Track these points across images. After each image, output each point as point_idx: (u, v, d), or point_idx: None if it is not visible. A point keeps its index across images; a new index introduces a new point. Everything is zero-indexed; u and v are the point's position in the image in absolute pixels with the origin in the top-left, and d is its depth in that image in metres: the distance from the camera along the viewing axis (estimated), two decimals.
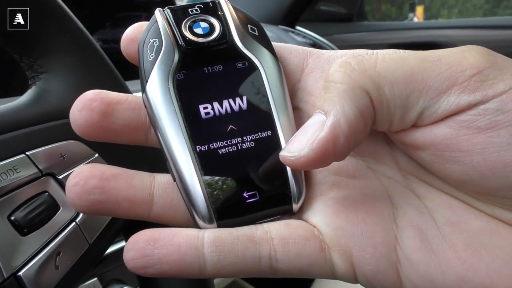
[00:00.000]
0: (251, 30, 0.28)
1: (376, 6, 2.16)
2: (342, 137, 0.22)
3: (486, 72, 0.21)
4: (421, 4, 4.40)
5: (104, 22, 0.82)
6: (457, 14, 5.42)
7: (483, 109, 0.21)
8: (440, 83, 0.22)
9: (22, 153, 0.32)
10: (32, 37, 0.35)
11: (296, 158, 0.23)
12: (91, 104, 0.25)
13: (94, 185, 0.24)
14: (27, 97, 0.35)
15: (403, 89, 0.22)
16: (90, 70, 0.37)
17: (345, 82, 0.23)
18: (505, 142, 0.21)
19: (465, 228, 0.24)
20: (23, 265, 0.30)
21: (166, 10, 0.27)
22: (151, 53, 0.26)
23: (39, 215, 0.31)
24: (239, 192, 0.25)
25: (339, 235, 0.24)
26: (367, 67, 0.23)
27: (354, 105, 0.22)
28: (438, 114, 0.22)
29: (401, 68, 0.22)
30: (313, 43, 1.29)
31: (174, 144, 0.25)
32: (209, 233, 0.24)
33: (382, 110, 0.23)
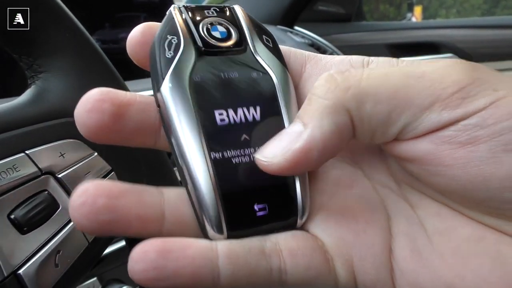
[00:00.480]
0: (266, 41, 0.27)
1: (375, 6, 2.16)
2: (316, 151, 0.23)
3: (467, 89, 0.22)
4: (419, 4, 4.40)
5: (103, 22, 0.82)
6: (455, 14, 5.43)
7: (463, 125, 0.22)
8: (422, 100, 0.22)
9: (21, 152, 0.32)
10: (31, 36, 0.35)
11: (268, 164, 0.23)
12: (101, 105, 0.23)
13: (103, 204, 0.22)
14: (27, 96, 0.35)
15: (386, 106, 0.22)
16: (89, 70, 0.37)
17: (328, 98, 0.23)
18: (484, 157, 0.21)
19: (453, 236, 0.24)
20: (23, 263, 0.30)
21: (182, 8, 0.26)
22: (169, 51, 0.25)
23: (38, 213, 0.31)
24: (250, 204, 0.24)
25: (341, 246, 0.25)
26: (352, 84, 0.23)
27: (333, 122, 0.22)
28: (419, 130, 0.22)
29: (384, 85, 0.23)
30: (312, 43, 1.29)
31: (190, 149, 0.24)
32: (222, 245, 0.23)
33: (363, 126, 0.23)
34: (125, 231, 0.23)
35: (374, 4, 2.15)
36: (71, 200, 0.23)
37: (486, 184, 0.22)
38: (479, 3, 5.41)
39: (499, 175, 0.21)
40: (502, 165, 0.21)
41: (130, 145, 0.26)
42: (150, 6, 0.87)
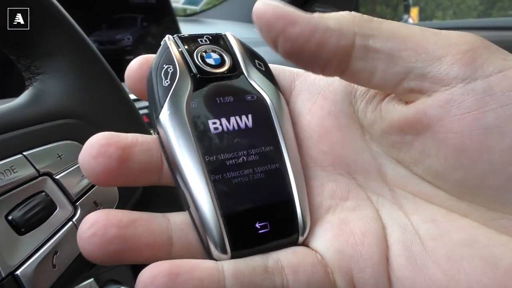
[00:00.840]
0: (259, 65, 0.28)
1: (371, 7, 2.16)
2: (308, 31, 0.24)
3: (479, 51, 0.22)
4: (416, 6, 4.41)
5: (100, 24, 0.82)
6: (452, 16, 5.44)
7: (471, 89, 0.22)
8: (436, 49, 0.23)
9: (19, 153, 0.32)
10: (29, 38, 0.35)
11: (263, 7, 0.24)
12: (107, 150, 0.24)
13: (115, 235, 0.23)
14: (24, 98, 0.35)
15: (398, 44, 0.23)
16: (86, 72, 0.37)
17: (346, 15, 0.24)
18: (490, 124, 0.22)
19: (447, 241, 0.24)
20: (21, 264, 0.30)
21: (176, 38, 0.27)
22: (166, 79, 0.26)
23: (36, 214, 0.32)
24: (252, 223, 0.25)
25: (340, 258, 0.25)
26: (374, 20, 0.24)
27: (335, 26, 0.24)
28: (427, 78, 0.23)
29: (403, 30, 0.24)
30: None
31: (191, 173, 0.24)
32: (228, 265, 0.23)
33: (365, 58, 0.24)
34: (135, 259, 0.24)
35: (371, 6, 2.16)
36: (80, 231, 0.23)
37: (490, 155, 0.22)
38: (476, 4, 5.42)
39: (502, 145, 0.22)
40: (506, 135, 0.21)
41: (136, 185, 0.26)
42: (147, 8, 0.87)
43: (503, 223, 0.23)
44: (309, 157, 0.28)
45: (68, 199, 0.33)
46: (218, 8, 1.56)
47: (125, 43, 0.84)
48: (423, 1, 5.15)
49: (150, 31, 0.87)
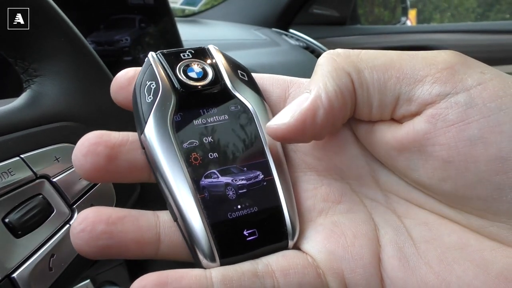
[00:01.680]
0: (241, 75, 0.29)
1: (369, 9, 2.17)
2: (322, 110, 0.24)
3: (456, 67, 0.23)
4: (414, 8, 4.42)
5: (98, 24, 0.82)
6: (450, 18, 5.45)
7: (454, 102, 0.23)
8: (415, 72, 0.24)
9: (16, 155, 0.32)
10: (27, 40, 0.35)
11: (278, 126, 0.25)
12: (95, 148, 0.25)
13: (102, 230, 0.24)
14: (22, 100, 0.35)
15: (382, 74, 0.24)
16: (84, 74, 0.37)
17: (330, 64, 0.25)
18: (474, 136, 0.22)
19: (439, 244, 0.25)
20: (17, 267, 0.31)
21: (159, 54, 0.28)
22: (149, 95, 0.26)
23: (33, 217, 0.32)
24: (239, 230, 0.26)
25: (332, 260, 0.26)
26: (352, 54, 0.25)
27: (335, 83, 0.24)
28: (413, 102, 0.24)
29: (381, 57, 0.25)
30: (306, 46, 1.30)
31: (176, 186, 0.25)
32: (216, 272, 0.24)
33: (362, 91, 0.25)
34: (123, 255, 0.25)
35: (369, 7, 2.16)
36: (71, 227, 0.24)
37: (476, 165, 0.22)
38: (473, 7, 5.43)
39: (486, 156, 0.22)
40: (490, 146, 0.22)
41: (126, 181, 0.27)
42: (145, 8, 0.87)
43: (492, 230, 0.24)
44: (304, 163, 0.29)
45: (65, 202, 0.33)
46: (217, 8, 1.56)
47: (123, 44, 0.84)
48: (421, 3, 5.16)
49: (148, 31, 0.87)
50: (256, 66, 1.00)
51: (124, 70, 0.28)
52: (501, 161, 0.22)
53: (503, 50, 1.44)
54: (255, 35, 1.24)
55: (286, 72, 1.16)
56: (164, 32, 0.88)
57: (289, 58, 1.16)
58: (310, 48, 1.29)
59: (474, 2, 5.50)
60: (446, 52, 0.24)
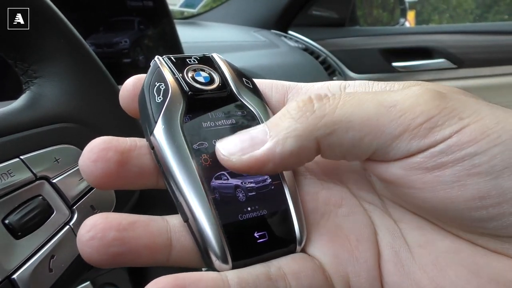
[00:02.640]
0: (246, 83, 0.29)
1: (368, 11, 2.17)
2: (272, 164, 0.24)
3: (435, 119, 0.23)
4: (413, 9, 4.43)
5: (97, 27, 0.82)
6: (448, 19, 5.46)
7: (431, 152, 0.23)
8: (393, 129, 0.23)
9: (16, 157, 0.32)
10: (27, 42, 0.35)
11: (225, 158, 0.24)
12: (106, 154, 0.24)
13: (114, 237, 0.23)
14: (22, 101, 0.35)
15: (358, 132, 0.23)
16: (83, 75, 0.37)
17: (300, 122, 0.24)
18: (450, 181, 0.22)
19: (433, 248, 0.25)
20: (17, 268, 0.31)
21: (165, 58, 0.28)
22: (159, 96, 0.26)
23: (33, 218, 0.32)
24: (250, 232, 0.25)
25: (337, 264, 0.26)
26: (327, 112, 0.24)
27: (296, 145, 0.23)
28: (389, 156, 0.24)
29: (358, 113, 0.23)
30: (305, 47, 1.30)
31: (188, 186, 0.25)
32: (232, 275, 0.24)
33: (332, 150, 0.24)
34: (135, 262, 0.24)
35: (368, 9, 2.16)
36: (79, 234, 0.23)
37: (454, 205, 0.23)
38: (472, 8, 5.44)
39: (464, 197, 0.22)
40: (466, 188, 0.22)
41: (134, 188, 0.27)
42: (144, 10, 0.87)
43: (482, 242, 0.24)
44: (304, 167, 0.29)
45: (65, 203, 0.34)
46: (216, 11, 1.56)
47: (122, 46, 0.84)
48: (420, 5, 5.17)
49: (148, 34, 0.87)
50: (255, 67, 1.00)
51: (133, 77, 0.28)
52: (480, 200, 0.22)
53: (502, 51, 1.45)
54: (254, 37, 1.25)
55: (285, 73, 1.16)
56: (163, 34, 0.88)
57: (288, 60, 1.16)
58: (309, 50, 1.29)
59: (473, 3, 5.51)
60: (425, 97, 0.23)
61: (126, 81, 0.28)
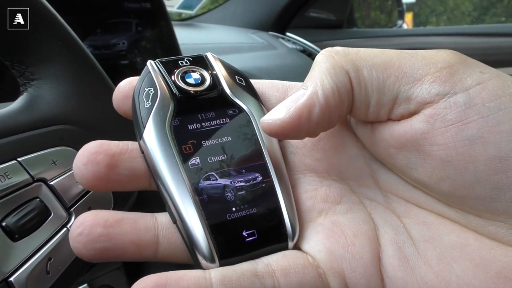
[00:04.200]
0: (239, 81, 0.29)
1: (366, 13, 2.17)
2: (318, 107, 0.24)
3: (456, 67, 0.23)
4: (410, 11, 4.44)
5: (95, 28, 0.82)
6: (446, 21, 5.47)
7: (453, 102, 0.23)
8: (415, 71, 0.24)
9: (13, 159, 0.32)
10: (24, 44, 0.35)
11: (272, 121, 0.25)
12: (96, 157, 0.25)
13: (100, 233, 0.24)
14: (19, 103, 0.35)
15: (381, 73, 0.24)
16: (81, 77, 0.37)
17: (328, 61, 0.25)
18: (473, 136, 0.22)
19: (439, 243, 0.25)
20: (14, 270, 0.30)
21: (157, 62, 0.28)
22: (147, 101, 0.27)
23: (30, 221, 0.31)
24: (238, 231, 0.26)
25: (332, 259, 0.26)
26: (350, 52, 0.25)
27: (333, 81, 0.24)
28: (411, 101, 0.24)
29: (380, 56, 0.25)
30: (303, 49, 1.30)
31: (175, 188, 0.25)
32: (215, 273, 0.24)
33: (360, 90, 0.25)
34: (121, 257, 0.25)
35: (365, 11, 2.17)
36: (70, 231, 0.25)
37: (474, 166, 0.22)
38: (469, 10, 5.46)
39: (485, 156, 0.22)
40: (488, 145, 0.22)
41: (127, 190, 0.27)
42: (142, 12, 0.87)
43: (491, 229, 0.24)
44: (304, 164, 0.29)
45: (63, 205, 0.33)
46: (213, 12, 1.56)
47: (120, 47, 0.84)
48: (417, 7, 5.18)
49: (145, 35, 0.87)
50: (253, 69, 1.00)
51: (126, 80, 0.28)
52: (500, 160, 0.22)
53: (499, 53, 1.45)
54: (252, 38, 1.25)
55: (283, 75, 1.16)
56: (161, 36, 0.88)
57: (286, 62, 1.16)
58: (307, 52, 1.29)
59: (470, 5, 5.52)
60: (446, 51, 0.24)
61: (119, 83, 0.28)
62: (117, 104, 0.28)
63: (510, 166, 0.22)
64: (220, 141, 0.27)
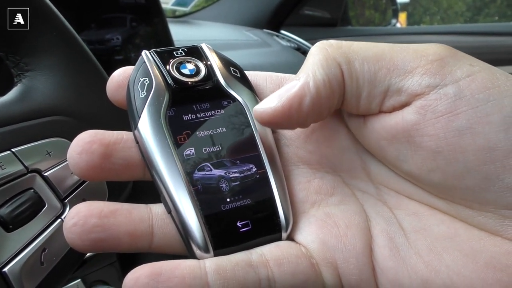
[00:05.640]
0: (234, 72, 0.29)
1: (360, 11, 2.18)
2: (309, 97, 0.24)
3: (446, 59, 0.24)
4: (404, 11, 4.45)
5: (89, 23, 0.81)
6: (439, 21, 5.49)
7: (443, 93, 0.23)
8: (406, 64, 0.24)
9: (7, 150, 0.32)
10: (19, 35, 0.35)
11: (264, 110, 0.25)
12: (90, 146, 0.25)
13: (94, 224, 0.24)
14: (13, 94, 0.35)
15: (372, 65, 0.24)
16: (76, 68, 0.37)
17: (321, 53, 0.25)
18: (462, 126, 0.23)
19: (429, 233, 0.26)
20: (8, 261, 0.30)
21: (152, 52, 0.28)
22: (142, 91, 0.27)
23: (24, 211, 0.31)
24: (233, 222, 0.26)
25: (325, 250, 0.26)
26: (343, 45, 0.25)
27: (325, 72, 0.25)
28: (402, 93, 0.24)
29: (373, 49, 0.25)
30: (298, 47, 1.30)
31: (170, 178, 0.25)
32: (210, 262, 0.24)
33: (352, 82, 0.25)
34: (116, 248, 0.25)
35: (360, 10, 2.17)
36: (64, 221, 0.25)
37: (464, 156, 0.23)
38: (463, 11, 5.48)
39: (475, 146, 0.23)
40: (478, 136, 0.22)
41: (121, 179, 0.27)
42: (136, 8, 0.87)
43: (480, 220, 0.24)
44: (297, 156, 0.29)
45: (57, 196, 0.33)
46: (208, 9, 1.56)
47: (114, 43, 0.84)
48: (411, 7, 5.20)
49: (140, 31, 0.87)
50: (247, 66, 0.99)
51: (120, 69, 0.28)
52: (488, 151, 0.22)
53: (492, 51, 1.46)
54: (246, 35, 1.25)
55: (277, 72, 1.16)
56: (155, 31, 0.88)
57: (280, 59, 1.16)
58: (301, 49, 1.29)
59: (463, 5, 5.55)
60: (437, 44, 0.25)
61: (113, 73, 0.28)
62: (111, 94, 0.28)
63: (499, 157, 0.22)
64: (214, 132, 0.27)
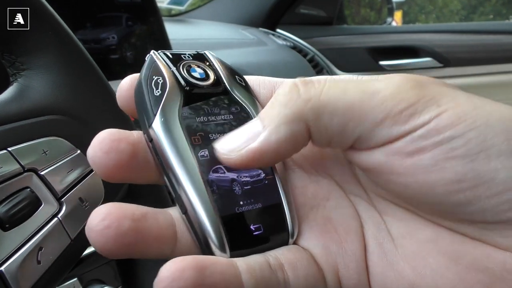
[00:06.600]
0: (239, 81, 0.30)
1: (356, 10, 2.18)
2: (270, 153, 0.24)
3: (415, 106, 0.23)
4: (400, 9, 4.46)
5: (84, 22, 0.81)
6: (435, 19, 5.51)
7: (411, 137, 0.23)
8: (375, 116, 0.24)
9: (4, 149, 0.32)
10: (14, 34, 0.35)
11: (226, 157, 0.25)
12: (118, 145, 0.24)
13: (129, 227, 0.22)
14: (9, 93, 0.35)
15: (342, 118, 0.24)
16: (72, 67, 0.37)
17: (288, 107, 0.24)
18: (429, 164, 0.23)
19: (415, 239, 0.26)
20: (5, 260, 0.30)
21: (161, 53, 0.28)
22: (157, 89, 0.26)
23: (21, 210, 0.31)
24: (247, 224, 0.26)
25: (328, 255, 0.26)
26: (312, 96, 0.24)
27: (289, 129, 0.24)
28: (372, 142, 0.24)
29: (342, 99, 0.24)
30: (293, 45, 1.30)
31: (189, 177, 0.25)
32: (240, 262, 0.24)
33: (320, 135, 0.25)
34: (145, 253, 0.24)
35: (355, 8, 2.18)
36: (91, 224, 0.23)
37: (433, 190, 0.23)
38: (458, 9, 5.50)
39: (443, 180, 0.23)
40: (445, 172, 0.23)
41: (138, 182, 0.26)
42: (132, 7, 0.87)
43: (460, 228, 0.25)
44: (292, 161, 0.29)
45: (53, 195, 0.33)
46: (204, 8, 1.56)
47: (110, 42, 0.84)
48: (407, 5, 5.20)
49: (135, 30, 0.87)
50: (243, 65, 1.00)
51: (129, 77, 0.28)
52: (457, 183, 0.23)
53: (487, 50, 1.47)
54: (243, 34, 1.25)
55: (273, 71, 1.17)
56: (151, 30, 0.88)
57: (276, 58, 1.16)
58: (297, 48, 1.30)
59: (459, 4, 5.57)
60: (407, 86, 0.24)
61: (122, 81, 0.27)
62: (124, 102, 0.27)
63: (468, 186, 0.23)
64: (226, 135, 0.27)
